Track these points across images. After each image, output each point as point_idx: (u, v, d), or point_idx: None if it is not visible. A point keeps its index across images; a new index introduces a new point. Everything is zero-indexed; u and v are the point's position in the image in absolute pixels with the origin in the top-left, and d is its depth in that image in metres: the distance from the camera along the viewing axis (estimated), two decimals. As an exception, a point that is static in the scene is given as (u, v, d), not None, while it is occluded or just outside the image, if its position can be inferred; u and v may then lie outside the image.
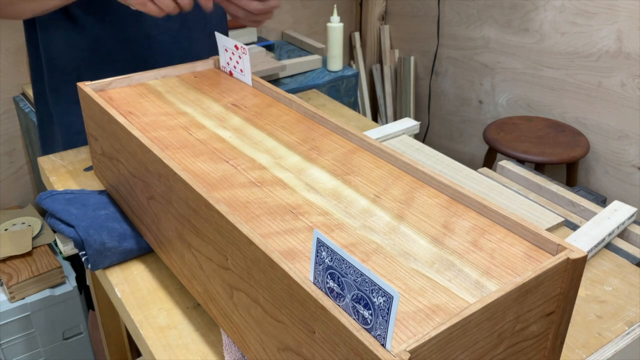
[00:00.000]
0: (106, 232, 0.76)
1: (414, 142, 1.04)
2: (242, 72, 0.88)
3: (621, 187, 1.86)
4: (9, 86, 1.89)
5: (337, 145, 0.71)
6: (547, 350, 0.52)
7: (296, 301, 0.45)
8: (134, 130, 0.69)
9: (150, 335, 0.66)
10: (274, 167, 0.66)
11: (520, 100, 2.09)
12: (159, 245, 0.73)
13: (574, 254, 0.48)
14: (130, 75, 0.88)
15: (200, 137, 0.73)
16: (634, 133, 1.77)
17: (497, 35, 2.09)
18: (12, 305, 1.57)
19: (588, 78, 1.84)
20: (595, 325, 0.67)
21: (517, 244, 0.52)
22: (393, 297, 0.37)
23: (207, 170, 0.65)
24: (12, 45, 1.86)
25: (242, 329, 0.57)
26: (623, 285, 0.73)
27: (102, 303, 1.12)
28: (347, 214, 0.57)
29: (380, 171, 0.65)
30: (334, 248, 0.41)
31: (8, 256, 1.58)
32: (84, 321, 1.71)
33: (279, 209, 0.58)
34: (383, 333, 0.38)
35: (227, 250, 0.54)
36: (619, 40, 1.73)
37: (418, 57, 2.46)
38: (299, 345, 0.47)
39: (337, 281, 0.41)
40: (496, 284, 0.48)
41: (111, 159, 0.80)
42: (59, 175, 0.96)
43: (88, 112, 0.84)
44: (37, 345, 1.66)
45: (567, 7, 1.83)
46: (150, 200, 0.70)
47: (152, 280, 0.74)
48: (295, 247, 0.52)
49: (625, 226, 0.83)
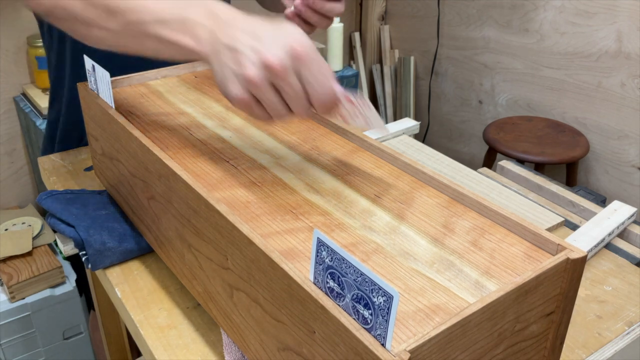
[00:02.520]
0: (106, 232, 0.76)
1: (414, 142, 1.04)
2: None
3: (621, 187, 1.86)
4: (9, 86, 1.89)
5: (337, 146, 0.71)
6: (547, 350, 0.52)
7: (296, 301, 0.45)
8: (134, 130, 0.69)
9: (150, 335, 0.66)
10: (274, 167, 0.66)
11: (520, 100, 2.09)
12: (159, 245, 0.73)
13: (574, 254, 0.48)
14: (130, 76, 0.88)
15: (201, 137, 0.73)
16: (634, 133, 1.77)
17: (497, 35, 2.09)
18: (12, 305, 1.57)
19: (588, 78, 1.84)
20: (595, 325, 0.67)
21: (517, 244, 0.52)
22: (393, 297, 0.37)
23: (207, 170, 0.65)
24: (12, 45, 1.86)
25: (242, 328, 0.57)
26: (623, 285, 0.73)
27: (102, 303, 1.12)
28: (348, 214, 0.57)
29: (381, 171, 0.65)
30: (334, 248, 0.41)
31: (8, 256, 1.58)
32: (84, 321, 1.71)
33: (279, 209, 0.58)
34: (383, 333, 0.38)
35: (227, 250, 0.55)
36: (619, 40, 1.73)
37: (418, 57, 2.46)
38: (299, 345, 0.47)
39: (337, 281, 0.41)
40: (496, 284, 0.48)
41: (111, 159, 0.80)
42: (59, 175, 0.96)
43: (88, 112, 0.84)
44: (37, 345, 1.66)
45: (567, 7, 1.83)
46: (151, 200, 0.70)
47: (152, 280, 0.74)
48: (295, 247, 0.52)
49: (625, 226, 0.83)
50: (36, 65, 1.84)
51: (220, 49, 0.56)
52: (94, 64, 0.75)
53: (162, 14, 0.61)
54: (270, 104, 0.55)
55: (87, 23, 0.65)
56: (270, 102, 0.55)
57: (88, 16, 0.65)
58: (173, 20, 0.60)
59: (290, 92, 0.54)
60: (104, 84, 0.75)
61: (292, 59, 0.53)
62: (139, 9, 0.62)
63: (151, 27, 0.61)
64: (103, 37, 0.65)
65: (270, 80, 0.54)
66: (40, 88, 1.87)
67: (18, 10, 1.83)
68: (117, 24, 0.63)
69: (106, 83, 0.74)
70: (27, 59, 1.89)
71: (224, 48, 0.56)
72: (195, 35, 0.58)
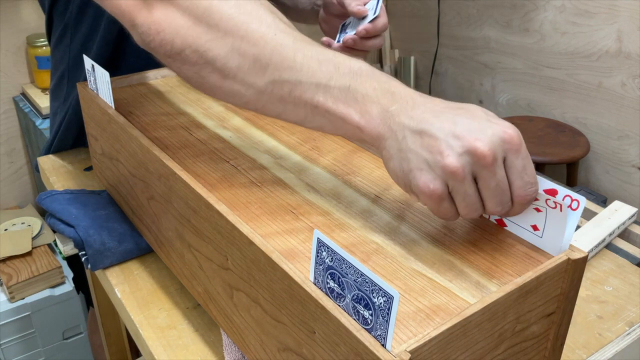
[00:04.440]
0: (106, 232, 0.76)
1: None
2: None
3: (621, 187, 1.85)
4: (9, 86, 1.89)
5: (337, 146, 0.71)
6: (547, 350, 0.52)
7: (296, 301, 0.45)
8: (134, 130, 0.69)
9: (150, 335, 0.66)
10: (274, 167, 0.66)
11: (521, 100, 2.09)
12: (158, 246, 0.73)
13: (575, 254, 0.48)
14: (130, 75, 0.88)
15: (201, 137, 0.73)
16: (634, 133, 1.77)
17: (497, 35, 2.09)
18: (12, 305, 1.57)
19: (588, 78, 1.84)
20: (595, 325, 0.67)
21: (518, 244, 0.52)
22: (393, 297, 0.37)
23: (207, 170, 0.65)
24: (12, 45, 1.86)
25: (242, 329, 0.57)
26: (623, 285, 0.73)
27: (102, 303, 1.12)
28: (348, 214, 0.57)
29: (381, 171, 0.65)
30: (335, 248, 0.41)
31: (8, 256, 1.58)
32: (83, 321, 1.71)
33: (280, 209, 0.58)
34: (383, 333, 0.38)
35: (227, 251, 0.54)
36: (619, 40, 1.73)
37: (418, 57, 2.46)
38: (299, 346, 0.47)
39: (337, 281, 0.41)
40: (497, 284, 0.48)
41: (111, 159, 0.80)
42: (59, 175, 0.96)
43: (88, 112, 0.84)
44: (37, 345, 1.66)
45: (567, 7, 1.83)
46: (150, 200, 0.70)
47: (152, 280, 0.74)
48: (295, 247, 0.52)
49: (625, 226, 0.83)
50: (36, 65, 1.84)
51: (402, 132, 0.47)
52: (93, 64, 0.75)
53: (325, 78, 0.51)
54: (467, 198, 0.47)
55: (225, 74, 0.54)
56: (468, 197, 0.47)
57: (229, 66, 0.54)
58: (338, 88, 0.50)
59: (493, 186, 0.46)
60: (104, 84, 0.75)
61: (503, 146, 0.45)
62: (297, 67, 0.52)
63: (308, 92, 0.51)
64: (240, 93, 0.55)
65: (474, 172, 0.46)
66: (40, 88, 1.87)
67: (18, 10, 1.83)
68: (264, 81, 0.53)
69: (106, 83, 0.74)
70: (26, 59, 1.89)
71: (410, 131, 0.47)
72: (365, 110, 0.49)
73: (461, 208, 0.48)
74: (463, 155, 0.45)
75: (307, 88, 0.51)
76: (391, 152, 0.48)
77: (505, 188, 0.47)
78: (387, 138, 0.48)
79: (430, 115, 0.47)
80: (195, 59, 0.55)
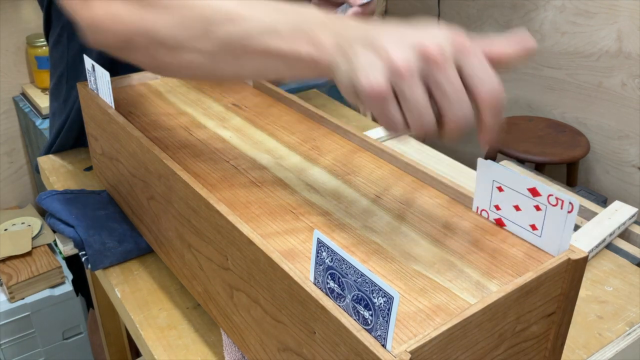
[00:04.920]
0: (106, 232, 0.76)
1: (414, 142, 1.04)
2: None
3: (621, 187, 1.85)
4: (9, 86, 1.90)
5: (337, 146, 0.71)
6: (547, 350, 0.52)
7: (296, 301, 0.45)
8: (134, 130, 0.69)
9: (150, 335, 0.66)
10: (274, 167, 0.66)
11: (521, 100, 2.08)
12: (158, 246, 0.73)
13: (575, 254, 0.48)
14: (130, 75, 0.88)
15: (201, 137, 0.73)
16: (634, 133, 1.77)
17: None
18: (12, 305, 1.57)
19: (588, 78, 1.84)
20: (595, 325, 0.67)
21: (518, 244, 0.52)
22: (393, 298, 0.37)
23: (207, 170, 0.65)
24: (12, 45, 1.86)
25: (242, 329, 0.57)
26: (624, 285, 0.73)
27: (102, 303, 1.12)
28: (348, 214, 0.57)
29: (381, 171, 0.65)
30: (335, 248, 0.41)
31: (8, 256, 1.58)
32: (83, 321, 1.71)
33: (280, 209, 0.58)
34: (383, 333, 0.38)
35: (227, 251, 0.54)
36: (619, 40, 1.73)
37: (418, 57, 2.46)
38: (299, 346, 0.47)
39: (337, 281, 0.41)
40: (497, 285, 0.48)
41: (111, 159, 0.80)
42: (59, 175, 0.96)
43: (88, 112, 0.84)
44: (36, 346, 1.66)
45: (567, 7, 1.83)
46: (150, 200, 0.70)
47: (152, 280, 0.74)
48: (295, 247, 0.52)
49: (626, 226, 0.83)
50: (36, 65, 1.84)
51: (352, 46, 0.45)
52: (93, 64, 0.75)
53: (272, 23, 0.50)
54: (415, 102, 0.43)
55: (175, 47, 0.55)
56: (415, 100, 0.43)
57: (178, 38, 0.54)
58: (287, 30, 0.50)
59: (448, 88, 0.43)
60: (104, 84, 0.75)
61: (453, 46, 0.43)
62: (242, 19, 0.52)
63: (258, 40, 0.51)
64: (194, 62, 0.55)
65: (423, 73, 0.42)
66: (40, 88, 1.87)
67: (18, 10, 1.83)
68: (214, 42, 0.53)
69: (106, 83, 0.74)
70: (26, 59, 1.89)
71: (358, 44, 0.45)
72: (317, 41, 0.48)
73: (409, 115, 0.44)
74: (409, 52, 0.42)
75: (258, 37, 0.51)
76: (342, 68, 0.46)
77: (461, 90, 0.43)
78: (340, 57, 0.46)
79: (379, 28, 0.46)
80: (145, 43, 0.55)
